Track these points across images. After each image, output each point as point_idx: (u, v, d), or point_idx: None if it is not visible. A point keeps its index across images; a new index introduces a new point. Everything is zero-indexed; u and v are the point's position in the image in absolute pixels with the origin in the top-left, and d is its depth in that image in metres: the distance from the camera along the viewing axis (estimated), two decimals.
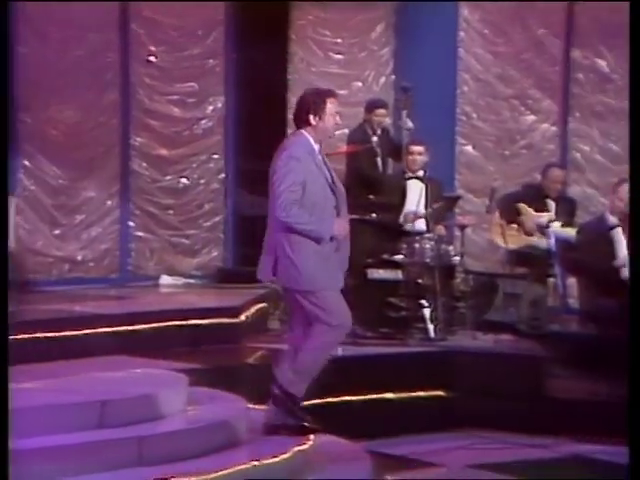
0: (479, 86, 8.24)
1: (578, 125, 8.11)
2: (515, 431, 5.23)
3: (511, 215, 6.93)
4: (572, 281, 6.87)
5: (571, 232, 6.79)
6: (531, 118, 8.18)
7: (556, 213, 7.05)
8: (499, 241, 6.92)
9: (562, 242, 6.74)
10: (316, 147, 4.36)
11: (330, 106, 4.34)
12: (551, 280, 6.89)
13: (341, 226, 4.35)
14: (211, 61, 8.15)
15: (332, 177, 4.37)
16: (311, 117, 4.32)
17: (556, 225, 6.88)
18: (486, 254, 7.75)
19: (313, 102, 4.34)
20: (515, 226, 6.96)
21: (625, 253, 6.06)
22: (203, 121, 8.17)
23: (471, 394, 5.42)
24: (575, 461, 4.76)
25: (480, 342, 6.12)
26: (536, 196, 7.10)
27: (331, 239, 4.28)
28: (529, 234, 6.99)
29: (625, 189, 6.13)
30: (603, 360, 5.62)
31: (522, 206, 7.03)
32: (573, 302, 6.70)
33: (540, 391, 5.53)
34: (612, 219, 6.20)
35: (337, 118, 4.39)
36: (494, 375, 5.57)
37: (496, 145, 8.26)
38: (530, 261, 6.98)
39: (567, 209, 7.17)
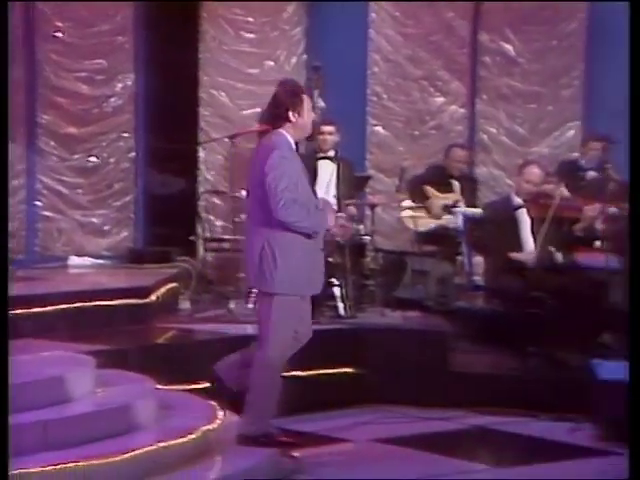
0: (389, 67, 8.31)
1: (485, 107, 8.27)
2: (422, 405, 5.33)
3: (419, 198, 7.05)
4: (478, 259, 7.02)
5: (478, 212, 6.96)
6: (440, 99, 8.30)
7: (460, 192, 7.22)
8: (409, 224, 7.04)
9: (469, 221, 6.90)
10: (293, 147, 4.36)
11: (306, 102, 4.33)
12: (458, 258, 7.06)
13: (333, 218, 4.41)
14: (120, 38, 8.00)
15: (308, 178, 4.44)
16: (290, 114, 4.28)
17: (462, 205, 7.05)
18: (396, 233, 7.85)
19: (291, 99, 4.29)
20: (423, 208, 7.09)
21: (528, 233, 6.21)
22: (112, 99, 8.04)
23: (380, 370, 5.51)
24: (478, 433, 4.90)
25: (389, 319, 6.22)
26: (441, 177, 7.25)
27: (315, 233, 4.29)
28: (436, 216, 7.13)
29: (530, 170, 6.29)
30: (505, 335, 5.78)
31: (428, 189, 7.16)
32: (479, 279, 6.84)
33: (446, 365, 5.65)
34: (517, 200, 6.34)
35: (313, 114, 4.39)
36: (402, 351, 5.66)
37: (406, 125, 8.35)
38: (438, 240, 7.13)
39: (470, 188, 7.35)
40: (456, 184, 7.26)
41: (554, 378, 5.48)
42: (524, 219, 6.27)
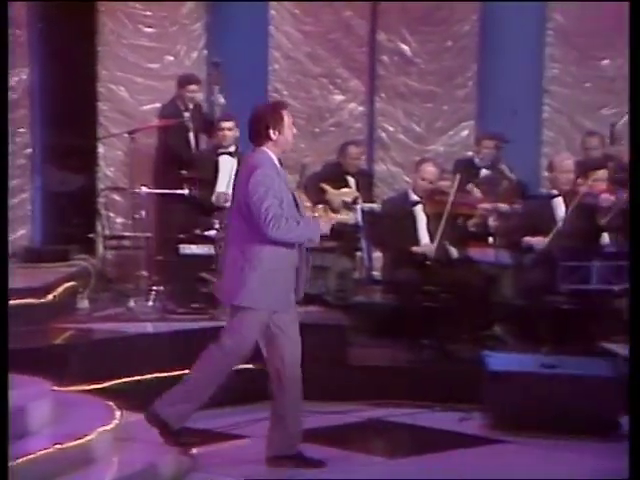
0: (290, 64, 8.36)
1: (383, 105, 8.41)
2: (321, 400, 5.39)
3: (317, 195, 7.14)
4: (377, 254, 7.15)
5: (376, 207, 7.10)
6: (339, 97, 8.41)
7: (357, 188, 7.35)
8: None
9: (368, 217, 7.03)
10: (277, 164, 4.40)
11: (287, 118, 4.36)
12: (357, 253, 7.17)
13: (326, 225, 4.45)
14: (16, 31, 7.81)
15: (292, 193, 4.44)
16: (271, 132, 4.32)
17: (361, 202, 7.17)
18: None
19: (271, 117, 4.33)
20: (322, 206, 7.16)
21: (424, 229, 6.36)
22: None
23: None
24: (375, 425, 5.00)
25: None
26: (337, 174, 7.37)
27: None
28: (335, 212, 7.23)
29: (426, 168, 6.43)
30: (401, 328, 5.92)
31: (326, 187, 7.26)
32: (377, 274, 6.98)
33: (345, 359, 5.74)
34: (414, 196, 6.48)
35: (293, 129, 4.45)
36: (302, 345, 5.70)
37: (307, 122, 8.42)
38: (338, 236, 7.23)
39: (366, 184, 7.49)
40: (352, 180, 7.39)
41: (447, 370, 5.64)
42: (420, 215, 6.42)
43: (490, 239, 6.89)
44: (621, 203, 6.15)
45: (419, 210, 6.43)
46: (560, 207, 6.31)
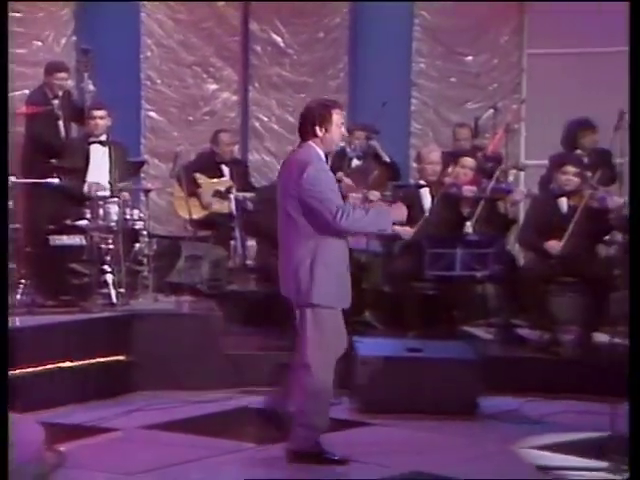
0: (162, 52, 8.29)
1: (257, 95, 8.46)
2: (194, 389, 5.41)
3: (191, 187, 7.11)
4: (251, 243, 7.20)
5: (250, 196, 7.13)
6: (213, 86, 8.40)
7: (231, 177, 7.37)
8: (183, 213, 7.07)
9: (242, 206, 7.06)
10: (324, 158, 4.34)
11: (336, 117, 4.30)
12: (232, 242, 7.20)
13: (400, 211, 4.35)
14: None
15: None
16: (317, 129, 4.26)
17: (235, 191, 7.19)
18: (170, 218, 7.88)
19: (319, 114, 4.27)
20: (195, 196, 7.16)
21: None
22: None
23: (152, 356, 5.52)
24: (246, 412, 5.03)
25: (162, 304, 6.24)
26: (211, 163, 7.36)
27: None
28: (209, 203, 7.24)
29: None
30: (275, 316, 5.97)
31: (199, 177, 7.24)
32: (251, 262, 7.02)
33: (218, 348, 5.75)
34: None
35: (343, 129, 4.36)
36: (175, 336, 5.70)
37: (180, 111, 8.38)
38: (212, 225, 7.24)
39: (241, 172, 7.51)
40: (226, 170, 7.40)
41: None
42: None
43: None
44: (485, 193, 6.41)
45: None
46: (427, 197, 6.51)
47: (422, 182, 6.58)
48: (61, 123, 7.13)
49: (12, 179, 6.31)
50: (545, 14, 8.26)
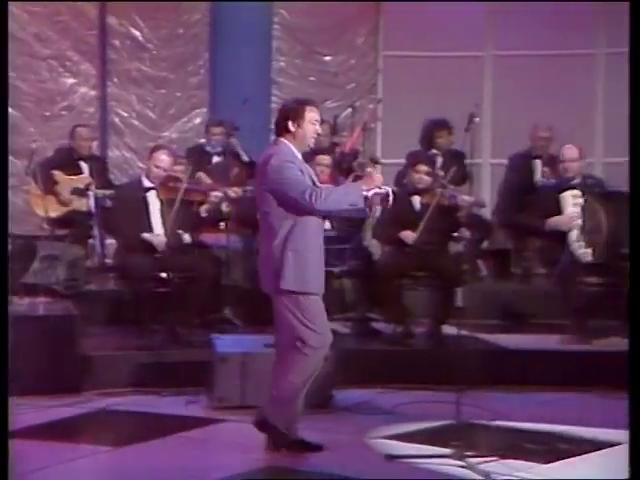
0: (16, 45, 8.06)
1: (116, 90, 8.36)
2: (49, 393, 5.30)
3: (48, 184, 6.96)
4: (111, 241, 7.11)
5: (109, 193, 7.02)
6: (70, 80, 8.25)
7: (90, 174, 7.25)
8: (40, 211, 6.91)
9: (100, 204, 6.96)
10: (299, 155, 4.37)
11: (309, 114, 4.36)
12: (90, 241, 7.09)
13: (370, 180, 4.30)
14: None
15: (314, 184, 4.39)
16: (289, 125, 4.34)
17: (94, 188, 7.08)
18: (26, 217, 7.68)
19: (292, 110, 4.37)
20: (52, 194, 7.02)
21: (158, 215, 6.34)
22: None
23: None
24: (102, 414, 5.00)
25: (16, 306, 6.08)
26: (69, 159, 7.22)
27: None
28: (66, 202, 7.11)
29: (159, 155, 6.40)
30: (133, 315, 5.95)
31: (57, 173, 7.10)
32: (110, 261, 6.94)
33: (74, 350, 5.66)
34: (147, 182, 6.49)
35: (317, 126, 4.40)
36: (29, 339, 5.55)
37: (36, 106, 8.19)
38: (69, 223, 7.10)
39: (100, 169, 7.41)
40: (85, 166, 7.28)
41: (178, 354, 5.75)
42: (154, 201, 6.44)
43: (222, 224, 7.08)
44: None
45: (152, 196, 6.45)
46: None
47: None
48: None
49: None
50: (400, 16, 8.53)
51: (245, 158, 7.59)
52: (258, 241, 4.49)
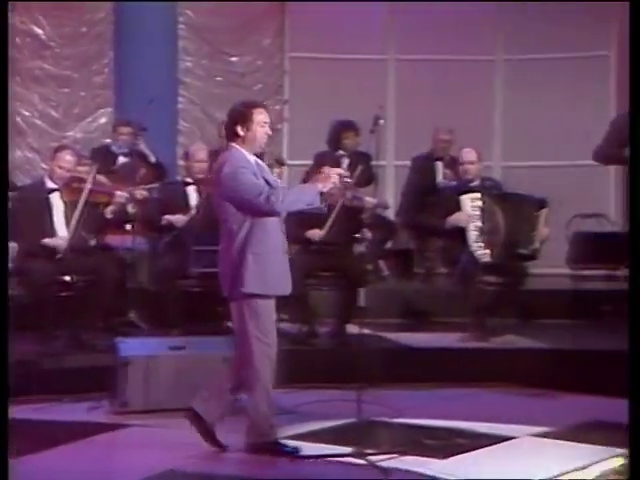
0: None
1: (19, 89, 8.19)
2: None
3: None
4: (12, 244, 6.96)
5: (12, 195, 6.87)
6: None
7: None
8: None
9: None
10: (251, 158, 4.40)
11: (257, 117, 4.38)
12: None
13: (325, 178, 4.34)
14: None
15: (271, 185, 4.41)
16: (238, 129, 4.37)
17: None
18: None
19: (240, 114, 4.39)
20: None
21: (61, 217, 6.26)
22: None
23: None
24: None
25: None
26: None
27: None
28: None
29: (63, 156, 6.29)
30: (34, 321, 5.86)
31: None
32: (11, 265, 6.79)
33: None
34: (50, 184, 6.40)
35: (267, 128, 4.42)
36: None
37: None
38: None
39: None
40: None
41: (80, 359, 5.70)
42: (57, 203, 6.36)
43: (128, 226, 7.03)
44: None
45: (56, 198, 6.36)
46: (193, 195, 6.62)
47: (189, 180, 6.68)
48: None
49: None
50: (305, 17, 8.63)
51: (152, 159, 7.57)
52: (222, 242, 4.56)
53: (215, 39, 8.39)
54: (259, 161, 4.51)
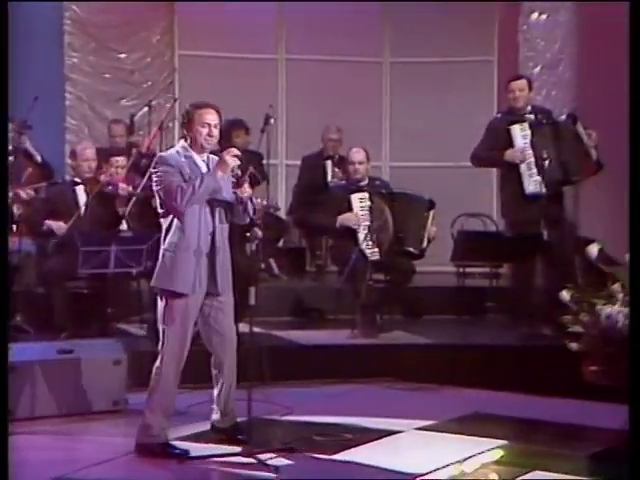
0: None
1: None
2: None
3: None
4: None
5: None
6: None
7: None
8: None
9: None
10: (194, 154, 4.53)
11: (199, 117, 4.52)
12: None
13: (223, 161, 4.45)
14: None
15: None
16: (183, 128, 4.60)
17: None
18: None
19: (185, 114, 4.59)
20: None
21: None
22: None
23: None
24: None
25: None
26: None
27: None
28: None
29: None
30: None
31: None
32: None
33: None
34: None
35: (209, 129, 4.51)
36: None
37: None
38: None
39: None
40: None
41: None
42: None
43: (14, 227, 6.89)
44: (139, 190, 6.58)
45: None
46: (82, 194, 6.56)
47: (77, 179, 6.61)
48: None
49: None
50: (194, 15, 8.62)
51: (38, 158, 7.42)
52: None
53: (101, 35, 8.26)
54: (204, 161, 4.60)
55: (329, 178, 7.89)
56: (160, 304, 4.54)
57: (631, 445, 3.71)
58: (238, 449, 4.50)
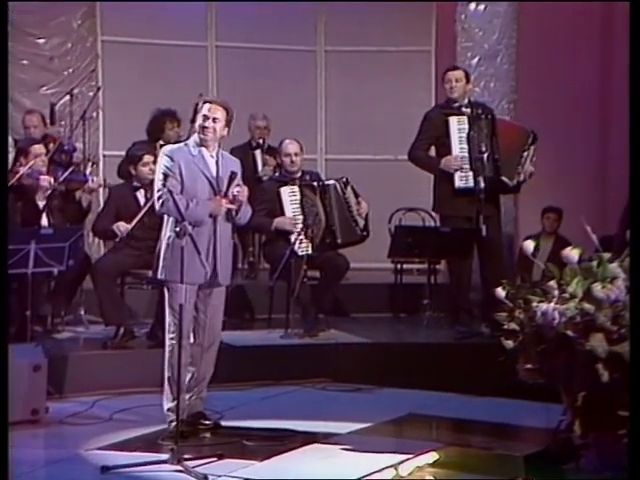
0: None
1: None
2: None
3: None
4: None
5: None
6: None
7: None
8: None
9: None
10: (195, 149, 4.92)
11: (200, 110, 4.97)
12: None
13: (217, 203, 4.86)
14: None
15: (217, 176, 4.91)
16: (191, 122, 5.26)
17: None
18: None
19: (194, 109, 5.08)
20: None
21: None
22: None
23: None
24: None
25: None
26: None
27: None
28: None
29: None
30: None
31: None
32: None
33: None
34: None
35: (206, 121, 4.91)
36: None
37: None
38: None
39: None
40: None
41: None
42: None
43: None
44: (60, 183, 6.48)
45: None
46: None
47: None
48: None
49: None
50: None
51: None
52: None
53: (17, 19, 8.04)
54: (212, 157, 4.96)
55: (259, 168, 7.89)
56: (166, 295, 4.90)
57: (631, 444, 3.74)
58: (165, 457, 4.47)
